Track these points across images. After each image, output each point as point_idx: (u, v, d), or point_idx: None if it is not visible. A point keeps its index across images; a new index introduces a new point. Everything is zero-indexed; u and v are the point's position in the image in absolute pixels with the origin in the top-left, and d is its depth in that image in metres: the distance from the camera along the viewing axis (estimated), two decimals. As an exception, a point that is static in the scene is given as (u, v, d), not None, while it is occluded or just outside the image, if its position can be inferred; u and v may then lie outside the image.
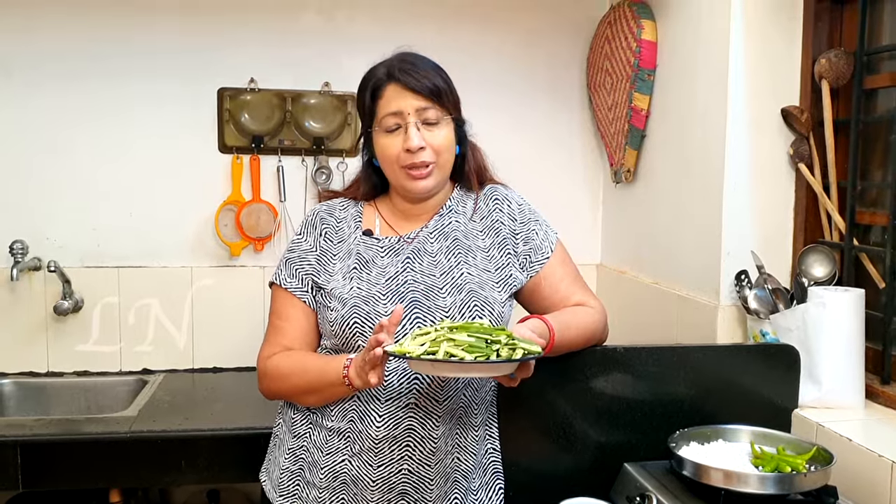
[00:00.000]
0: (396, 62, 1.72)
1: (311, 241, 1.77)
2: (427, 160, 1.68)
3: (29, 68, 2.72)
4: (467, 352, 1.45)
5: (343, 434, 1.67)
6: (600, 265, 3.06)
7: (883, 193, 1.99)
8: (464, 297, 1.67)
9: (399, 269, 1.71)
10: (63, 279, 2.72)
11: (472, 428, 1.72)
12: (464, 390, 1.69)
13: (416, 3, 2.87)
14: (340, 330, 1.66)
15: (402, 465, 1.64)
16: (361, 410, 1.65)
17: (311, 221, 1.79)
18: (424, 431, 1.64)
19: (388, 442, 1.64)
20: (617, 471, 1.75)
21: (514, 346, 1.48)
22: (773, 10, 2.09)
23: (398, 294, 1.67)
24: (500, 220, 1.79)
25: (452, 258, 1.73)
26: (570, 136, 3.03)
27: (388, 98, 1.69)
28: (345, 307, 1.66)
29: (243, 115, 2.81)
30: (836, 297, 1.86)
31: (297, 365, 1.70)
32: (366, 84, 1.74)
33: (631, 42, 2.59)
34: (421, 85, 1.68)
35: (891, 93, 1.93)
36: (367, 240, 1.75)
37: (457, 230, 1.77)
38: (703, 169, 2.23)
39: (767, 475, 1.55)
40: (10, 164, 2.74)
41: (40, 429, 2.26)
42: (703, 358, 1.84)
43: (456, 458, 1.70)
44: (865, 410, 1.86)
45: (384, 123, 1.69)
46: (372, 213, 1.80)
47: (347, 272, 1.71)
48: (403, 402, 1.64)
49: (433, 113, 1.69)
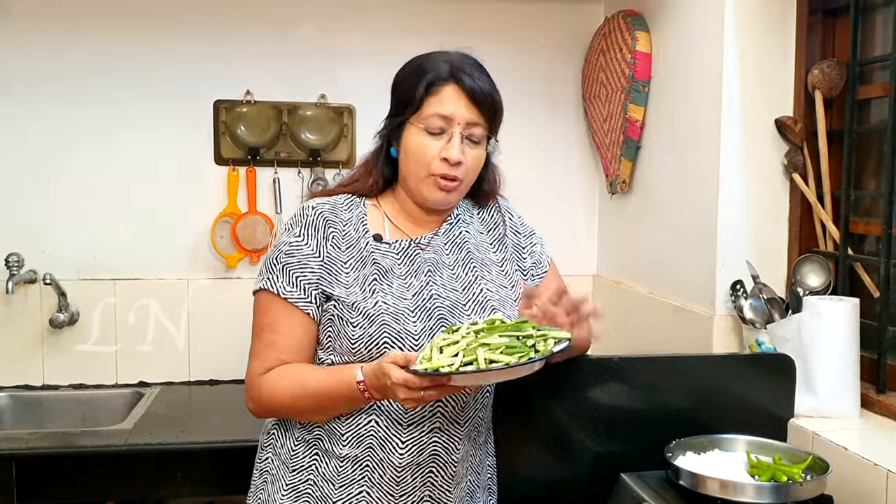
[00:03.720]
0: (462, 62, 1.60)
1: (314, 246, 1.59)
2: (459, 176, 1.59)
3: (28, 85, 2.73)
4: (506, 354, 1.38)
5: (359, 462, 1.57)
6: (596, 276, 3.06)
7: (876, 203, 2.00)
8: (488, 315, 1.60)
9: (423, 283, 1.61)
10: (59, 292, 2.72)
11: (478, 447, 1.69)
12: (480, 410, 1.65)
13: (411, 16, 2.88)
14: (365, 348, 1.54)
15: (423, 493, 1.58)
16: (381, 437, 1.56)
17: (313, 222, 1.61)
18: (448, 456, 1.59)
19: (412, 469, 1.57)
20: (613, 481, 1.75)
21: (545, 336, 1.44)
22: (767, 21, 2.10)
23: (425, 310, 1.58)
24: (505, 233, 1.75)
25: (470, 272, 1.66)
26: (565, 148, 3.04)
27: (445, 98, 1.56)
28: (373, 325, 1.54)
29: (240, 128, 2.82)
30: (831, 307, 1.86)
31: (298, 380, 1.57)
32: (421, 73, 1.59)
33: (625, 53, 2.60)
34: (483, 98, 1.58)
35: (884, 103, 1.93)
36: (379, 246, 1.62)
37: (468, 241, 1.70)
38: (698, 179, 2.24)
39: (764, 485, 1.54)
40: (7, 177, 2.74)
41: (36, 442, 2.25)
42: (698, 368, 1.85)
43: (468, 480, 1.66)
44: (861, 420, 1.86)
45: (429, 122, 1.56)
46: (377, 215, 1.66)
47: (367, 283, 1.58)
48: (427, 427, 1.56)
49: (479, 131, 1.59)
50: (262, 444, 1.72)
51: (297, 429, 1.64)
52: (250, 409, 1.64)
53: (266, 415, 1.67)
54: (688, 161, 2.31)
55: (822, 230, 2.08)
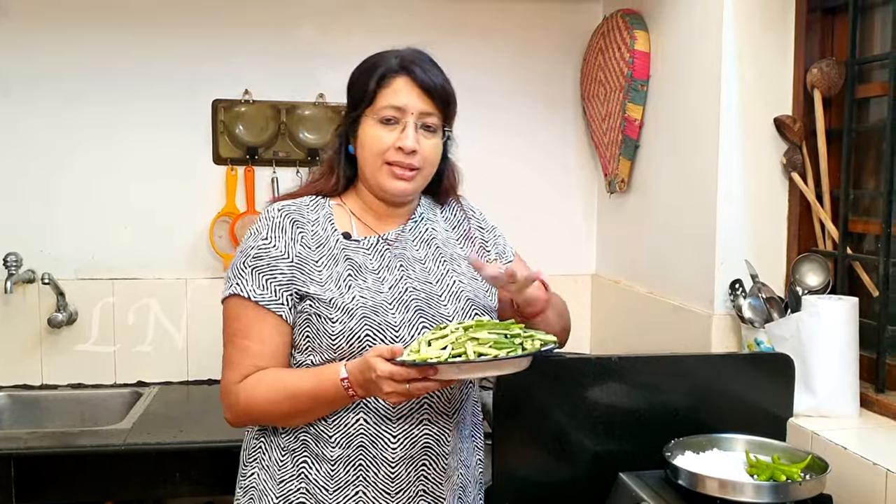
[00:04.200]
0: (412, 56, 1.63)
1: (283, 247, 1.58)
2: (415, 164, 1.60)
3: (26, 85, 2.73)
4: (494, 349, 1.42)
5: (352, 463, 1.56)
6: (595, 275, 3.06)
7: (875, 202, 2.00)
8: (463, 306, 1.64)
9: (397, 277, 1.62)
10: (57, 291, 2.72)
11: (465, 440, 1.70)
12: (466, 402, 1.67)
13: (409, 16, 2.88)
14: (347, 343, 1.53)
15: (418, 487, 1.58)
16: (371, 434, 1.55)
17: (280, 224, 1.60)
18: (439, 448, 1.60)
19: (406, 463, 1.57)
20: (612, 480, 1.75)
21: (532, 337, 1.47)
22: (766, 20, 2.10)
23: (402, 302, 1.59)
24: (470, 229, 1.77)
25: (441, 266, 1.68)
26: (564, 147, 3.03)
27: (396, 90, 1.59)
28: (353, 318, 1.54)
29: (238, 127, 2.82)
30: (830, 306, 1.86)
31: (278, 385, 1.54)
32: (372, 68, 1.62)
33: (624, 53, 2.60)
34: (433, 87, 1.60)
35: (883, 102, 1.93)
36: (349, 243, 1.63)
37: (436, 237, 1.72)
38: (697, 178, 2.23)
39: (763, 484, 1.54)
40: (5, 177, 2.74)
41: (34, 442, 2.25)
42: (697, 367, 1.84)
43: (459, 473, 1.67)
44: (860, 419, 1.86)
45: (382, 113, 1.59)
46: (343, 214, 1.67)
47: (341, 280, 1.58)
48: (417, 420, 1.57)
49: (434, 120, 1.61)
50: (244, 459, 1.68)
51: (283, 438, 1.61)
52: (228, 419, 1.62)
53: (245, 423, 1.64)
54: (687, 160, 2.31)
55: (821, 229, 2.08)
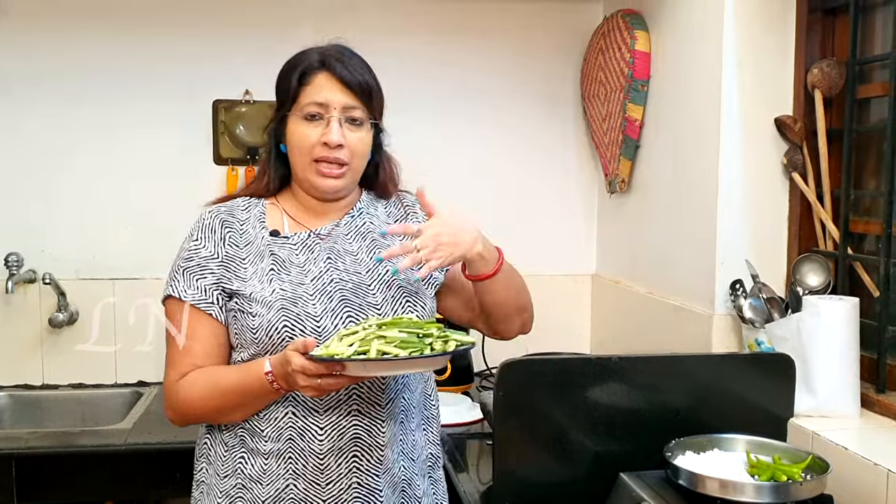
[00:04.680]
0: (330, 50, 1.64)
1: (212, 247, 1.61)
2: (342, 159, 1.61)
3: (26, 85, 2.73)
4: (400, 348, 1.41)
5: (282, 456, 1.56)
6: (595, 275, 3.06)
7: (876, 202, 2.00)
8: (394, 293, 1.63)
9: (322, 269, 1.62)
10: (58, 291, 2.72)
11: (410, 432, 1.67)
12: (402, 392, 1.64)
13: (409, 17, 2.88)
14: (266, 335, 1.54)
15: (351, 480, 1.56)
16: (299, 426, 1.55)
17: (209, 225, 1.64)
18: (371, 439, 1.57)
19: (335, 455, 1.55)
20: (613, 481, 1.75)
21: (447, 339, 1.46)
22: (766, 20, 2.10)
23: (325, 293, 1.59)
24: (414, 222, 1.74)
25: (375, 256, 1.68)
26: (564, 147, 3.03)
27: (318, 86, 1.61)
28: (270, 310, 1.55)
29: (238, 127, 2.82)
30: (831, 306, 1.86)
31: (211, 382, 1.57)
32: (294, 66, 1.65)
33: (624, 53, 2.60)
34: (354, 80, 1.61)
35: (883, 102, 1.93)
36: (276, 240, 1.64)
37: (372, 231, 1.71)
38: (698, 178, 2.23)
39: (763, 484, 1.54)
40: (6, 177, 2.74)
41: (35, 442, 2.26)
42: (698, 367, 1.84)
43: (402, 465, 1.64)
44: (861, 419, 1.86)
45: (305, 110, 1.61)
46: (276, 212, 1.69)
47: (264, 275, 1.59)
48: (345, 410, 1.56)
49: (359, 113, 1.62)
50: (196, 454, 1.71)
51: (225, 433, 1.63)
52: (170, 417, 1.64)
53: (186, 421, 1.65)
54: (687, 160, 2.31)
55: (821, 229, 2.08)
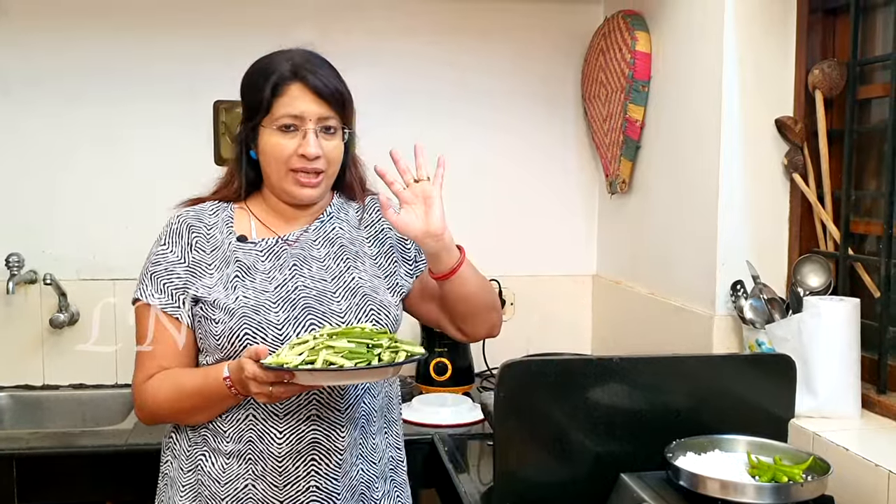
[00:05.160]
0: (302, 60, 1.63)
1: (179, 252, 1.64)
2: (320, 168, 1.62)
3: (27, 85, 2.73)
4: (347, 358, 1.41)
5: (242, 457, 1.58)
6: (596, 276, 3.06)
7: (877, 203, 2.00)
8: (358, 302, 1.63)
9: (287, 276, 1.63)
10: (59, 292, 2.72)
11: (371, 436, 1.68)
12: (363, 397, 1.65)
13: (409, 17, 2.88)
14: (229, 343, 1.56)
15: (309, 483, 1.57)
16: (259, 429, 1.57)
17: (177, 230, 1.67)
18: (329, 444, 1.58)
19: (293, 458, 1.56)
20: (613, 481, 1.75)
21: (397, 350, 1.47)
22: (767, 20, 2.10)
23: (289, 301, 1.60)
24: (385, 228, 1.76)
25: (342, 263, 1.68)
26: (565, 148, 3.03)
27: (292, 98, 1.60)
28: (233, 318, 1.56)
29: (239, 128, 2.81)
30: (832, 307, 1.86)
31: (176, 384, 1.59)
32: (264, 75, 1.63)
33: (625, 53, 2.60)
34: (328, 92, 1.61)
35: (884, 103, 1.93)
36: (243, 245, 1.65)
37: (342, 236, 1.72)
38: (698, 179, 2.23)
39: (764, 485, 1.54)
40: (7, 177, 2.75)
41: (36, 442, 2.26)
42: (699, 368, 1.84)
43: (360, 469, 1.65)
44: (862, 420, 1.86)
45: (280, 122, 1.60)
46: (244, 217, 1.70)
47: (228, 281, 1.61)
48: (304, 415, 1.57)
49: (333, 122, 1.63)
50: (163, 447, 1.73)
51: (189, 431, 1.65)
52: (139, 416, 1.67)
53: (153, 421, 1.67)
54: (688, 161, 2.31)
55: (822, 230, 2.08)
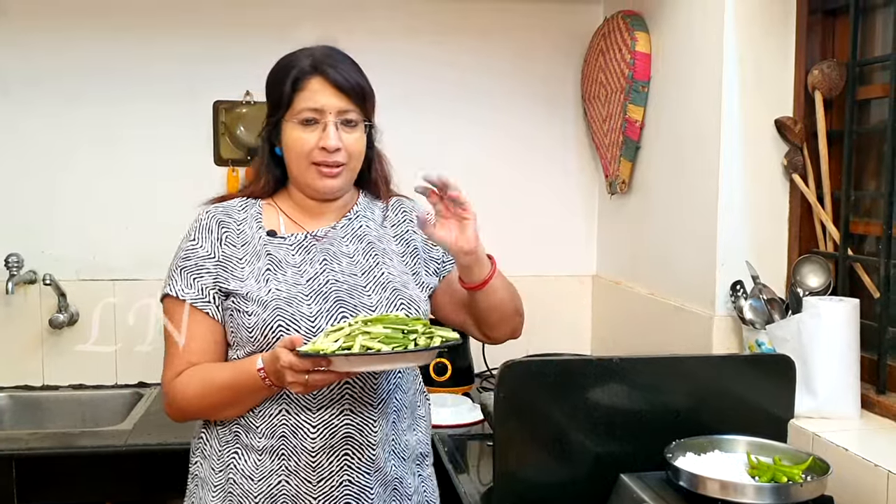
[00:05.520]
0: (322, 55, 1.65)
1: (209, 247, 1.64)
2: (340, 161, 1.63)
3: (26, 85, 2.73)
4: (384, 343, 1.42)
5: (275, 452, 1.58)
6: (596, 276, 3.06)
7: (877, 203, 2.00)
8: (389, 296, 1.64)
9: (318, 270, 1.64)
10: (58, 292, 2.72)
11: (402, 432, 1.69)
12: (395, 393, 1.66)
13: (410, 17, 2.88)
14: (262, 334, 1.57)
15: (342, 477, 1.58)
16: (293, 424, 1.58)
17: (206, 225, 1.66)
18: (363, 438, 1.59)
19: (326, 453, 1.57)
20: (613, 482, 1.75)
21: (431, 335, 1.47)
22: (767, 21, 2.10)
23: (321, 294, 1.61)
24: (410, 230, 1.77)
25: (371, 259, 1.69)
26: (565, 148, 3.04)
27: (312, 92, 1.62)
28: (266, 310, 1.57)
29: (239, 128, 2.82)
30: (831, 307, 1.86)
31: (206, 379, 1.59)
32: (286, 71, 1.65)
33: (625, 54, 2.60)
34: (348, 85, 1.63)
35: (884, 103, 1.93)
36: (273, 239, 1.67)
37: (369, 234, 1.73)
38: (698, 179, 2.23)
39: (764, 485, 1.54)
40: (6, 177, 2.75)
41: (36, 443, 2.26)
42: (698, 368, 1.84)
43: (392, 464, 1.66)
44: (861, 420, 1.86)
45: (301, 116, 1.62)
46: (273, 212, 1.71)
47: (260, 274, 1.62)
48: (337, 409, 1.58)
49: (353, 115, 1.64)
50: (192, 448, 1.73)
51: (220, 429, 1.65)
52: (168, 413, 1.66)
53: (183, 418, 1.67)
54: (687, 161, 2.31)
55: (822, 231, 2.08)
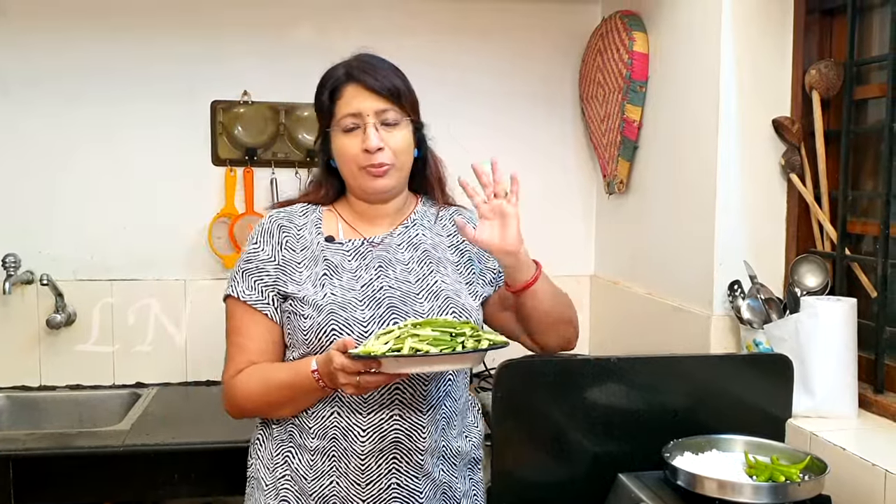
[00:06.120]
0: (355, 62, 1.71)
1: (269, 251, 1.70)
2: (385, 161, 1.66)
3: (25, 86, 2.73)
4: (432, 345, 1.45)
5: (327, 454, 1.63)
6: (594, 276, 3.06)
7: (874, 203, 2.00)
8: (441, 304, 1.67)
9: (373, 276, 1.68)
10: (56, 292, 2.71)
11: (452, 439, 1.72)
12: (444, 400, 1.68)
13: (409, 17, 2.88)
14: (316, 338, 1.61)
15: (391, 480, 1.62)
16: (343, 426, 1.62)
17: (268, 229, 1.72)
18: (411, 444, 1.62)
19: (375, 456, 1.61)
20: (611, 481, 1.75)
21: (479, 338, 1.50)
22: (764, 21, 2.11)
23: (374, 300, 1.65)
24: (465, 240, 1.78)
25: (425, 267, 1.72)
26: (563, 148, 3.04)
27: (348, 98, 1.67)
28: (321, 314, 1.62)
29: (237, 128, 2.82)
30: (829, 307, 1.86)
31: (264, 378, 1.65)
32: (324, 84, 1.72)
33: (623, 54, 2.60)
34: (380, 85, 1.67)
35: (881, 103, 1.94)
36: (330, 245, 1.71)
37: (424, 242, 1.76)
38: (696, 179, 2.24)
39: (761, 485, 1.54)
40: (4, 177, 2.74)
41: (33, 443, 2.25)
42: (696, 368, 1.85)
43: (442, 469, 1.69)
44: (859, 420, 1.86)
45: (343, 123, 1.67)
46: (332, 218, 1.76)
47: (317, 279, 1.66)
48: (387, 414, 1.61)
49: (392, 114, 1.67)
50: (250, 451, 1.78)
51: (276, 429, 1.70)
52: (228, 411, 1.72)
53: (241, 414, 1.72)
54: (685, 161, 2.31)
55: (819, 230, 2.08)
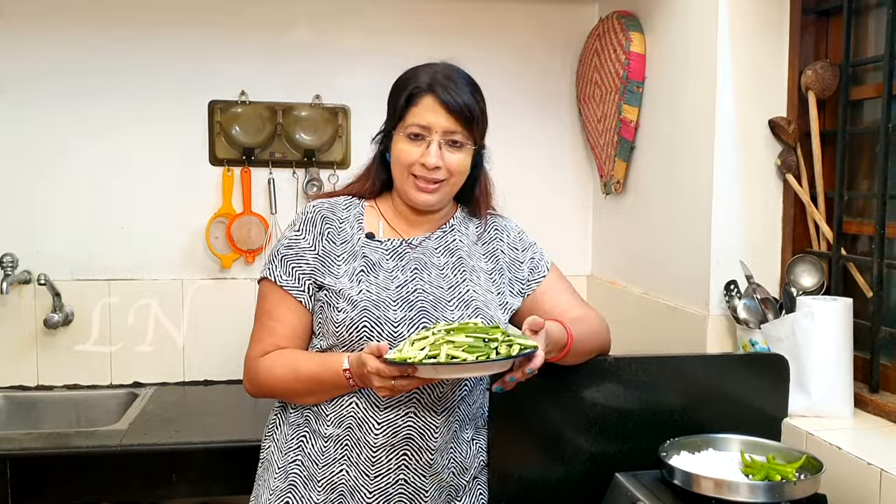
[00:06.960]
0: (441, 75, 1.69)
1: (311, 240, 1.72)
2: (439, 178, 1.69)
3: (22, 85, 2.72)
4: (468, 352, 1.47)
5: (340, 441, 1.66)
6: (591, 276, 3.07)
7: (869, 203, 2.01)
8: (470, 313, 1.69)
9: (408, 277, 1.71)
10: (53, 292, 2.71)
11: (463, 442, 1.74)
12: (460, 404, 1.70)
13: (406, 16, 2.88)
14: (347, 332, 1.64)
15: (398, 475, 1.65)
16: (360, 417, 1.65)
17: (312, 219, 1.74)
18: (423, 442, 1.65)
19: (387, 450, 1.64)
20: (608, 481, 1.75)
21: (511, 343, 1.51)
22: (761, 22, 2.11)
23: (408, 301, 1.67)
24: (500, 248, 1.83)
25: (459, 274, 1.74)
26: (560, 148, 3.04)
27: (423, 108, 1.67)
28: (354, 309, 1.64)
29: (234, 128, 2.82)
30: (825, 307, 1.87)
31: (291, 365, 1.67)
32: (404, 85, 1.71)
33: (620, 54, 2.60)
34: (457, 106, 1.67)
35: (876, 104, 1.94)
36: (370, 242, 1.73)
37: (461, 249, 1.78)
38: (692, 179, 2.24)
39: (757, 484, 1.55)
40: (2, 177, 2.73)
41: (30, 443, 2.25)
42: (693, 367, 1.85)
43: (451, 471, 1.71)
44: (854, 419, 1.87)
45: (409, 130, 1.68)
46: (374, 215, 1.78)
47: (354, 274, 1.69)
48: (403, 411, 1.64)
49: (459, 137, 1.69)
50: (264, 433, 1.81)
51: (292, 413, 1.75)
52: (247, 389, 1.76)
53: (261, 395, 1.76)
54: (682, 161, 2.32)
55: (815, 230, 2.09)
